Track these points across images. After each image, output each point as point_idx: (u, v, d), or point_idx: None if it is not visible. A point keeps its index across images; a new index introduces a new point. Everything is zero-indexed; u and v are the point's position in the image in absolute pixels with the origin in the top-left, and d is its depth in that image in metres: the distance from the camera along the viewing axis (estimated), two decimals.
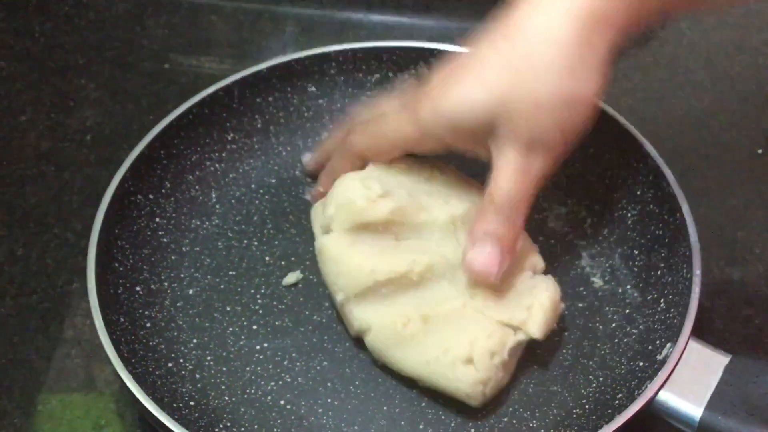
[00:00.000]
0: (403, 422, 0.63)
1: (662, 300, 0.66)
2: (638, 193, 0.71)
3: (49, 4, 0.97)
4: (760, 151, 0.83)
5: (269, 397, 0.65)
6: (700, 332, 0.61)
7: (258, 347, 0.67)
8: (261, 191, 0.77)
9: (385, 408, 0.64)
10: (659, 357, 0.61)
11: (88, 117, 0.86)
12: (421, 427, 0.63)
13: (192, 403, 0.63)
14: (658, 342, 0.63)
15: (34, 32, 0.95)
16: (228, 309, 0.69)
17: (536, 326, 0.63)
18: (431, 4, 0.96)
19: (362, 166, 0.69)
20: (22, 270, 0.74)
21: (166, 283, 0.70)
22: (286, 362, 0.66)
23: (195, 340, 0.68)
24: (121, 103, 0.87)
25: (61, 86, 0.89)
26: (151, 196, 0.73)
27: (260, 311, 0.69)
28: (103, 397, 0.66)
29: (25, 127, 0.85)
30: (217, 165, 0.77)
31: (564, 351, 0.67)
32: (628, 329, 0.67)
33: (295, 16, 0.95)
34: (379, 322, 0.63)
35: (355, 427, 0.63)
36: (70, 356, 0.69)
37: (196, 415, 0.63)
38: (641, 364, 0.63)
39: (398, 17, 0.95)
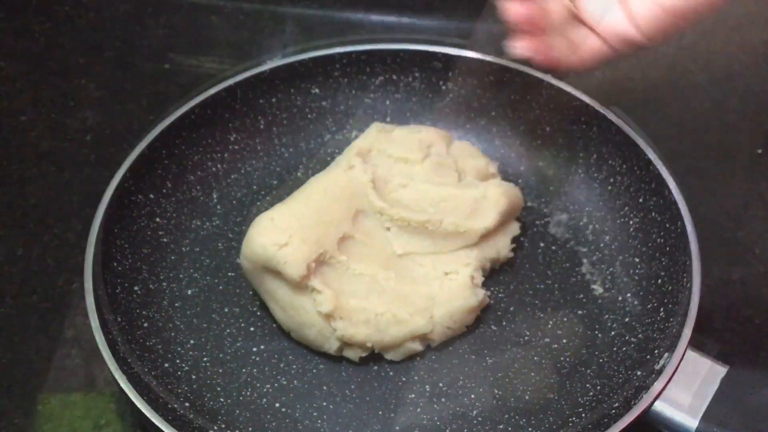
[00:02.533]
0: (397, 427, 0.63)
1: (662, 309, 0.66)
2: (640, 200, 0.71)
3: (50, 4, 0.97)
4: (760, 151, 0.82)
5: (264, 400, 0.64)
6: (699, 333, 0.60)
7: (255, 349, 0.67)
8: (262, 192, 0.77)
9: (380, 413, 0.64)
10: (657, 367, 0.61)
11: (88, 117, 0.86)
12: (417, 431, 0.63)
13: (187, 404, 0.63)
14: (656, 351, 0.62)
15: (34, 32, 0.95)
16: (226, 310, 0.69)
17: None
18: (431, 5, 0.96)
19: None
20: (23, 270, 0.74)
21: (164, 283, 0.71)
22: (282, 365, 0.66)
23: (192, 341, 0.68)
24: (121, 103, 0.87)
25: (61, 86, 0.89)
26: (151, 196, 0.73)
27: (258, 313, 0.69)
28: (103, 397, 0.67)
29: (25, 127, 0.85)
30: (218, 165, 0.77)
31: (562, 358, 0.66)
32: (627, 338, 0.67)
33: (295, 17, 0.95)
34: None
35: (350, 431, 0.63)
36: (70, 356, 0.69)
37: (191, 416, 0.62)
38: (639, 373, 0.62)
39: (398, 17, 0.95)
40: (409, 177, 0.71)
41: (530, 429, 0.63)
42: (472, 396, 0.64)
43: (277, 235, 0.65)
